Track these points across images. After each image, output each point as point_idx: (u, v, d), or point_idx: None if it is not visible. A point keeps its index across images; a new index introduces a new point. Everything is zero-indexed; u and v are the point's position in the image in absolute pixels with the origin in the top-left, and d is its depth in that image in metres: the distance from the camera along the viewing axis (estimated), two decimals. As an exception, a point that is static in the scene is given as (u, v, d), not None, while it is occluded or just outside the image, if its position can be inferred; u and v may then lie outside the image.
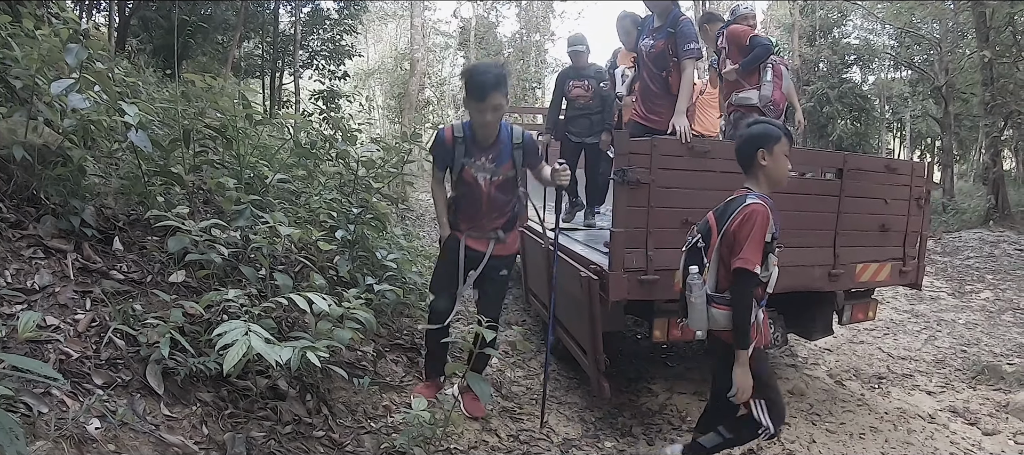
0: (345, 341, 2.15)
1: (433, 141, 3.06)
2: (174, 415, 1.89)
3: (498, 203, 3.08)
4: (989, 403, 4.25)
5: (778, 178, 2.43)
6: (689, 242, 2.48)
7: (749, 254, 2.24)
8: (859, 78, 19.92)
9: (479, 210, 3.05)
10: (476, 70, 2.82)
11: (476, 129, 2.94)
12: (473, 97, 2.79)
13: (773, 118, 4.49)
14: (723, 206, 2.42)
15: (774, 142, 2.37)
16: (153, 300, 2.34)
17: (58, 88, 2.27)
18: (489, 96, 2.76)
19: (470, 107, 2.85)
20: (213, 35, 10.60)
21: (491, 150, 2.97)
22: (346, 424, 2.43)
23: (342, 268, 3.12)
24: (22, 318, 1.40)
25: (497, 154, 2.98)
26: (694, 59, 3.79)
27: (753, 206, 2.27)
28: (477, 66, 2.88)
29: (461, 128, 2.99)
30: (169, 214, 2.35)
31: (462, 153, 2.96)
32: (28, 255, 2.30)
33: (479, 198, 3.02)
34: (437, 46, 28.32)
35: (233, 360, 1.53)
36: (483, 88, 2.74)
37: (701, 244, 2.41)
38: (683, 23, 3.77)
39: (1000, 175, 10.78)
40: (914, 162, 4.19)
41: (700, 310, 2.35)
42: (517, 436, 3.04)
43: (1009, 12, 9.23)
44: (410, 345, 3.59)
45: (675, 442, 3.19)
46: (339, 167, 4.04)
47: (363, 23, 18.56)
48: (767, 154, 2.37)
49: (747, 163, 2.44)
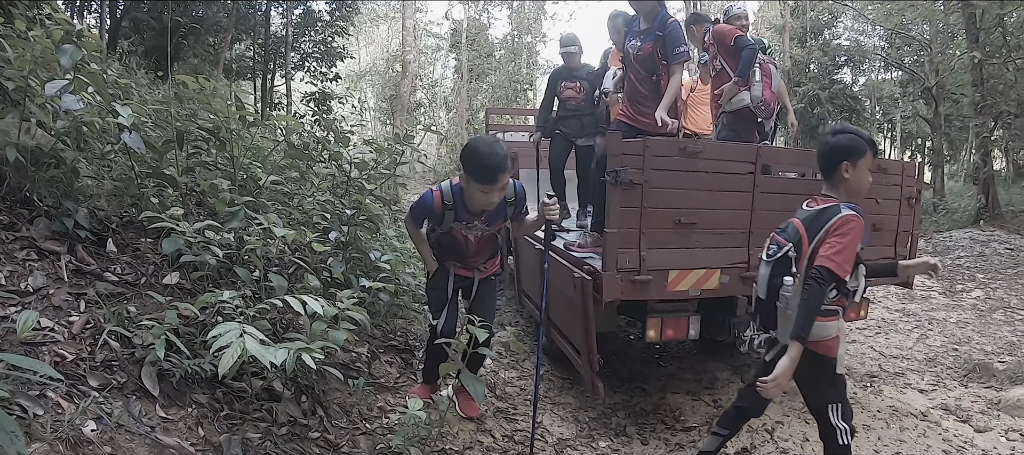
0: (340, 342, 2.15)
1: (418, 205, 2.86)
2: (170, 417, 1.89)
3: (485, 248, 3.01)
4: (981, 400, 4.29)
5: (859, 190, 2.42)
6: (776, 251, 2.43)
7: (841, 259, 2.21)
8: (850, 79, 20.08)
9: (465, 255, 2.98)
10: (481, 152, 2.58)
11: (471, 200, 2.74)
12: (481, 180, 2.57)
13: (765, 118, 4.54)
14: (813, 214, 2.38)
15: (859, 156, 2.36)
16: (147, 302, 2.33)
17: (53, 89, 2.26)
18: (499, 179, 2.58)
19: (472, 188, 2.62)
20: (204, 37, 10.55)
21: (484, 214, 2.83)
22: (341, 425, 2.43)
23: (336, 269, 3.12)
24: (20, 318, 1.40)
25: (490, 216, 2.85)
26: (683, 63, 3.77)
27: (850, 216, 2.26)
28: (480, 147, 2.62)
29: (450, 194, 2.79)
30: (164, 216, 2.34)
31: (452, 218, 2.82)
32: (21, 257, 2.29)
33: (464, 249, 2.95)
34: (428, 48, 28.31)
35: (228, 363, 1.53)
36: (494, 172, 2.55)
37: (792, 253, 2.36)
38: (671, 26, 3.74)
39: (990, 175, 10.90)
40: (905, 162, 4.23)
41: (792, 320, 2.28)
42: (512, 436, 3.05)
43: (999, 13, 9.33)
44: (404, 346, 3.60)
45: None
46: (332, 169, 4.04)
47: (355, 25, 18.52)
48: (851, 167, 2.35)
49: (829, 172, 2.42)
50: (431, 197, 2.82)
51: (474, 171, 2.57)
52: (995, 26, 9.89)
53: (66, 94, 2.30)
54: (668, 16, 3.83)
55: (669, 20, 3.78)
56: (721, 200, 3.37)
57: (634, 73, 3.94)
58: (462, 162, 2.62)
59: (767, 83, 4.41)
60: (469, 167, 2.59)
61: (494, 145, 2.65)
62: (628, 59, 3.99)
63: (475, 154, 2.58)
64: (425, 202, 2.83)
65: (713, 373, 4.55)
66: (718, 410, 3.96)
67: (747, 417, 2.89)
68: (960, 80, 12.36)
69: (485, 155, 2.57)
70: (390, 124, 23.16)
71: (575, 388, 4.07)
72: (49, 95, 2.28)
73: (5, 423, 1.14)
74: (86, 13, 9.13)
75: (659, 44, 3.75)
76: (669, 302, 3.43)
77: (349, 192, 3.80)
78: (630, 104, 3.99)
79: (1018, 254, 8.91)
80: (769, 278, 2.44)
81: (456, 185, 2.80)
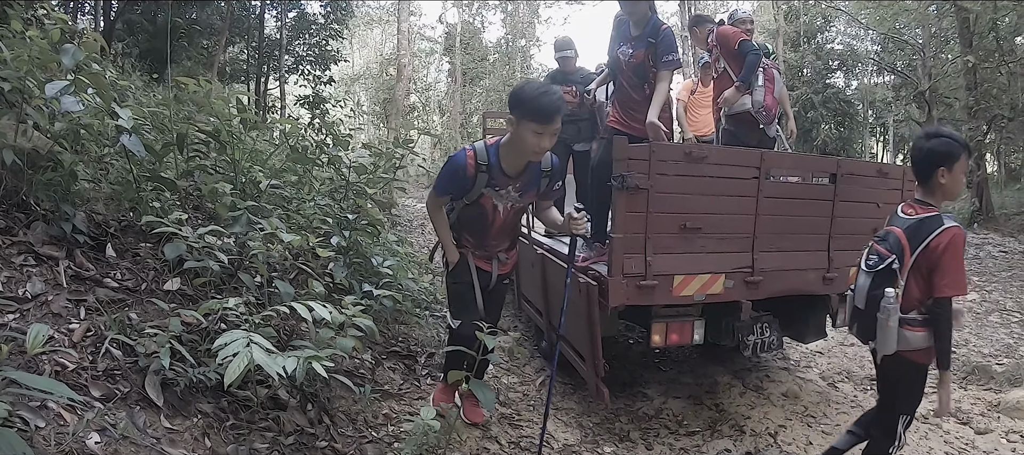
0: (348, 350, 2.11)
1: (448, 168, 2.64)
2: (175, 427, 1.84)
3: (508, 227, 2.87)
4: (980, 402, 4.30)
5: (955, 193, 2.44)
6: (877, 262, 2.41)
7: (960, 280, 2.24)
8: (843, 83, 20.22)
9: (487, 233, 2.81)
10: (536, 90, 2.49)
11: (511, 155, 2.59)
12: (538, 118, 2.42)
13: (766, 123, 4.54)
14: (915, 224, 2.35)
15: (955, 160, 2.34)
16: (148, 308, 2.29)
17: (53, 90, 2.21)
18: (555, 119, 2.45)
19: (525, 130, 2.45)
20: (198, 39, 10.49)
21: (520, 178, 2.68)
22: (347, 434, 2.39)
23: (338, 275, 3.08)
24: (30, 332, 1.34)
25: (525, 182, 2.70)
26: (672, 70, 3.72)
27: (955, 231, 2.26)
28: (534, 86, 2.54)
29: (485, 154, 2.60)
30: (166, 220, 2.30)
31: (484, 182, 2.62)
32: (19, 262, 2.24)
33: (490, 223, 2.77)
34: (422, 52, 28.29)
35: (235, 373, 1.49)
36: (551, 109, 2.41)
37: (895, 265, 2.34)
38: (664, 33, 3.68)
39: (984, 178, 10.98)
40: (905, 167, 4.25)
41: (893, 331, 2.29)
42: (518, 443, 3.02)
43: (992, 17, 9.42)
44: (406, 352, 3.56)
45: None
46: (331, 172, 4.00)
47: (349, 28, 18.49)
48: (947, 172, 2.34)
49: (924, 177, 2.41)
50: (463, 157, 2.61)
51: (529, 109, 2.42)
52: (988, 30, 9.98)
53: (66, 95, 2.25)
54: (660, 22, 3.78)
55: (662, 26, 3.72)
56: (725, 205, 3.36)
57: (626, 80, 3.88)
58: (514, 104, 2.48)
59: (769, 88, 4.40)
60: (524, 105, 2.44)
61: (546, 85, 2.59)
62: (619, 66, 3.92)
63: (529, 92, 2.47)
64: (456, 164, 2.61)
65: (714, 377, 4.53)
66: (721, 414, 3.95)
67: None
68: (953, 84, 12.47)
69: (541, 92, 2.46)
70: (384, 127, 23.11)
71: (578, 393, 4.04)
72: (50, 96, 2.23)
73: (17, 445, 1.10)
74: (79, 15, 9.04)
75: (650, 51, 3.69)
76: (674, 307, 3.42)
77: (347, 196, 3.76)
78: (622, 111, 3.92)
79: (1012, 257, 8.98)
80: (870, 289, 2.41)
81: (491, 144, 2.64)
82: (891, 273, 2.34)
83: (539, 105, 2.42)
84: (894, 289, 2.29)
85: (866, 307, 2.43)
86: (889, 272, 2.34)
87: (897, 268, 2.33)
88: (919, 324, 2.31)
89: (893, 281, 2.32)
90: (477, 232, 2.82)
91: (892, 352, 2.34)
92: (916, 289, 2.33)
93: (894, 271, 2.33)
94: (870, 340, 2.43)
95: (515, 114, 2.48)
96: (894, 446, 2.51)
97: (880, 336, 2.33)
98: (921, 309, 2.33)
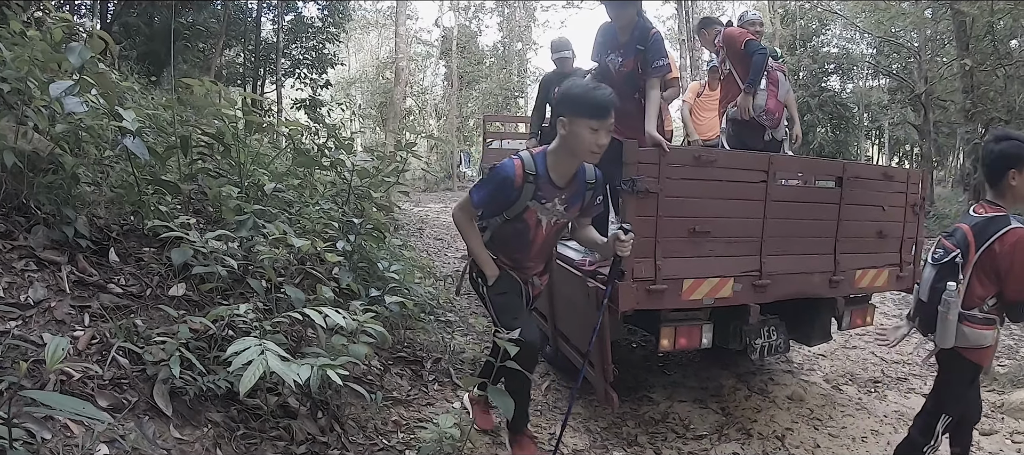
0: (362, 357, 2.07)
1: (494, 180, 2.42)
2: (185, 438, 1.79)
3: (548, 246, 2.69)
4: (984, 404, 4.29)
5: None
6: (942, 255, 2.46)
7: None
8: (838, 86, 20.31)
9: (526, 252, 2.61)
10: (587, 86, 2.37)
11: (561, 163, 2.40)
12: (594, 114, 2.26)
13: (770, 127, 4.52)
14: (982, 223, 2.39)
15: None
16: (154, 315, 2.24)
17: (57, 90, 2.16)
18: (611, 113, 2.30)
19: (581, 128, 2.28)
20: (194, 43, 10.44)
21: (567, 190, 2.48)
22: (359, 442, 2.34)
23: (343, 280, 3.04)
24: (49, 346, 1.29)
25: (571, 194, 2.52)
26: (661, 75, 3.64)
27: (1022, 232, 2.29)
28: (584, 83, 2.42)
29: (532, 163, 2.40)
30: (172, 224, 2.25)
31: (530, 194, 2.41)
32: (20, 267, 2.19)
33: (530, 240, 2.57)
34: (418, 55, 28.30)
35: (251, 381, 1.45)
36: (607, 103, 2.28)
37: (959, 259, 2.38)
38: (653, 38, 3.59)
39: (981, 181, 10.98)
40: (910, 170, 4.27)
41: (952, 326, 2.33)
42: (527, 449, 2.98)
43: (989, 20, 9.48)
44: (413, 358, 3.51)
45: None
46: (333, 176, 3.96)
47: (346, 31, 18.46)
48: (1017, 174, 2.36)
49: (995, 180, 2.44)
50: (512, 168, 2.38)
51: (585, 106, 2.27)
52: (985, 33, 10.04)
53: (69, 96, 2.20)
54: (649, 26, 3.68)
55: (651, 31, 3.63)
56: (734, 208, 3.34)
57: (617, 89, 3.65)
58: (566, 103, 2.32)
59: (772, 92, 4.38)
60: (579, 102, 2.29)
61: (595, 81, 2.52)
62: (607, 74, 3.80)
63: (582, 89, 2.33)
64: (505, 175, 2.39)
65: (718, 381, 4.51)
66: (727, 417, 3.93)
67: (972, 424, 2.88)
68: (949, 87, 12.54)
69: (593, 87, 2.35)
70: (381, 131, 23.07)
71: (584, 398, 4.00)
72: (54, 96, 2.19)
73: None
74: (75, 18, 8.96)
75: (640, 58, 3.61)
76: (682, 311, 3.39)
77: (349, 200, 3.72)
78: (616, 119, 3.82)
79: (1009, 259, 9.00)
80: (933, 281, 2.47)
81: (537, 153, 2.45)
82: (954, 267, 2.38)
83: (595, 100, 2.28)
84: (955, 283, 2.34)
85: (929, 300, 2.49)
86: (952, 266, 2.39)
87: (961, 263, 2.37)
88: (979, 322, 2.35)
89: (955, 275, 2.36)
90: (515, 251, 2.61)
91: (949, 346, 2.39)
92: (978, 287, 2.37)
93: (957, 265, 2.37)
94: (930, 332, 2.48)
95: (567, 114, 2.32)
96: (929, 446, 2.52)
97: (939, 329, 2.37)
98: (982, 307, 2.37)
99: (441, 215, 14.33)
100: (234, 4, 11.85)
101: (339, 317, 1.86)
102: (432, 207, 14.75)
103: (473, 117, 26.42)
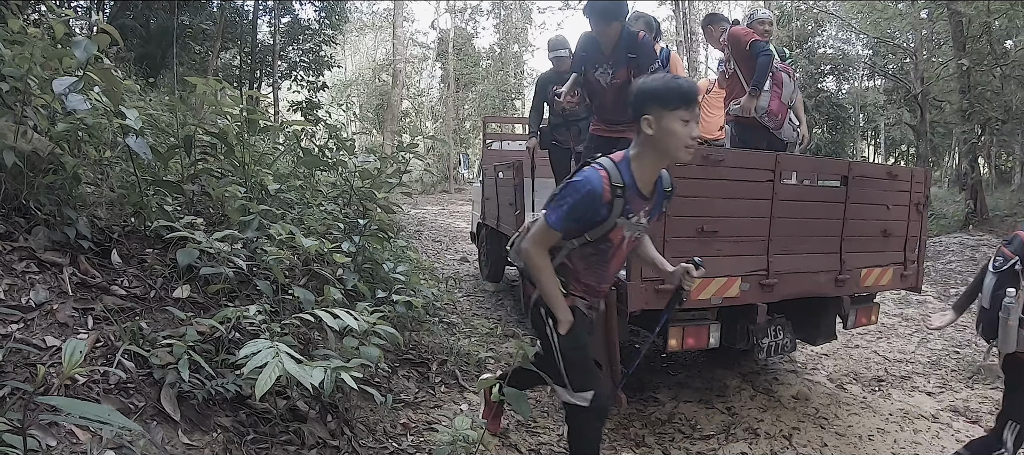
0: (374, 359, 2.04)
1: (578, 196, 2.03)
2: (194, 443, 1.75)
3: (621, 266, 2.39)
4: (988, 402, 4.32)
5: None
6: (1002, 263, 2.52)
7: None
8: (835, 87, 20.38)
9: (603, 276, 2.27)
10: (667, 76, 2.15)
11: (646, 168, 2.09)
12: (685, 103, 1.98)
13: (773, 129, 4.48)
14: None
15: None
16: (158, 317, 2.20)
17: (61, 86, 2.12)
18: (697, 100, 2.05)
19: (673, 122, 1.98)
20: (191, 45, 10.37)
21: (651, 200, 2.19)
22: (369, 445, 2.30)
23: (349, 281, 3.00)
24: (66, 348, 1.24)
25: (653, 205, 2.23)
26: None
27: None
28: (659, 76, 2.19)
29: (618, 174, 2.05)
30: (178, 225, 2.21)
31: (619, 209, 2.06)
32: (20, 269, 2.15)
33: (608, 262, 2.22)
34: (415, 57, 28.29)
35: (267, 384, 1.41)
36: (694, 90, 2.04)
37: (1018, 266, 2.45)
38: (644, 44, 3.51)
39: (978, 180, 11.07)
40: (914, 169, 4.25)
41: (1014, 332, 2.38)
42: (537, 450, 2.95)
43: (985, 21, 9.52)
44: (419, 360, 3.48)
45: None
46: (334, 177, 3.92)
47: (342, 34, 18.42)
48: None
49: None
50: (598, 180, 2.01)
51: (674, 96, 1.98)
52: (981, 33, 10.08)
53: (73, 93, 2.16)
54: (634, 32, 3.60)
55: (639, 36, 3.55)
56: (741, 208, 3.33)
57: (609, 103, 3.65)
58: (651, 98, 2.01)
59: (776, 93, 4.30)
60: (667, 95, 1.99)
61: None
62: (595, 88, 3.67)
63: (664, 81, 2.05)
64: (591, 190, 2.01)
65: (723, 381, 4.49)
66: (733, 418, 3.91)
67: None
68: (945, 87, 12.59)
69: (673, 77, 2.11)
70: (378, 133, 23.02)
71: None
72: (58, 93, 2.14)
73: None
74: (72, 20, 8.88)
75: (633, 66, 3.50)
76: (690, 311, 3.37)
77: (352, 201, 3.68)
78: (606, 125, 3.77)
79: (1008, 258, 9.03)
80: (994, 288, 2.53)
81: (619, 161, 2.09)
82: (1013, 274, 2.45)
83: (683, 88, 2.02)
84: (1016, 289, 2.39)
85: (990, 306, 2.54)
86: (1012, 273, 2.46)
87: (1020, 270, 2.43)
88: None
89: (1015, 282, 2.42)
90: (591, 277, 2.24)
91: (1012, 350, 2.43)
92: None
93: (1016, 272, 2.44)
94: (992, 338, 2.53)
95: (654, 111, 2.00)
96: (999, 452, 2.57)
97: (1001, 335, 2.42)
98: None
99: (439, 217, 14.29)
100: (230, 6, 11.79)
101: (351, 319, 1.82)
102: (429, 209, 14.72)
103: (469, 119, 26.42)
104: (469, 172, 20.85)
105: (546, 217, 2.09)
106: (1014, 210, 11.64)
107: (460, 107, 26.47)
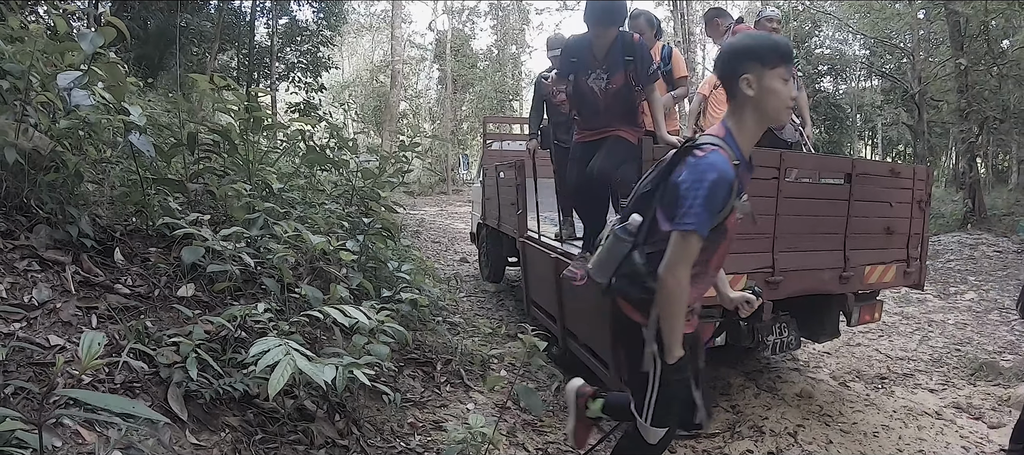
0: (384, 357, 2.01)
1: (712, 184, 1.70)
2: (202, 443, 1.72)
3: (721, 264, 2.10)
4: (991, 398, 4.32)
5: None
6: None
7: None
8: (832, 87, 20.44)
9: (706, 282, 2.01)
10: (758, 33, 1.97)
11: (749, 135, 1.85)
12: (784, 59, 1.77)
13: (775, 129, 4.47)
14: None
15: None
16: (163, 316, 2.17)
17: (65, 80, 2.09)
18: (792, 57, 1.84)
19: (773, 81, 1.76)
20: (189, 46, 10.34)
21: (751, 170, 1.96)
22: (377, 444, 2.27)
23: (354, 280, 2.98)
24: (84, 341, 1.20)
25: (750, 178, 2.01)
26: (657, 79, 3.50)
27: None
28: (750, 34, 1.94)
29: (729, 147, 1.80)
30: (183, 223, 2.19)
31: (738, 189, 1.81)
32: (23, 267, 2.12)
33: (712, 261, 1.95)
34: (412, 59, 28.29)
35: (280, 383, 1.38)
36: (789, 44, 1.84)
37: None
38: (639, 45, 3.42)
39: (976, 179, 11.11)
40: (916, 167, 4.25)
41: None
42: (545, 449, 2.93)
43: (983, 21, 9.56)
44: (424, 359, 3.45)
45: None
46: (336, 177, 3.90)
47: (340, 35, 18.39)
48: None
49: None
50: (724, 161, 1.74)
51: (774, 53, 1.77)
52: (979, 33, 10.12)
53: (76, 88, 2.13)
54: (628, 33, 3.51)
55: (634, 38, 3.46)
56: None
57: (601, 109, 3.54)
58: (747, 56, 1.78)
59: None
60: (765, 52, 1.77)
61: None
62: (588, 95, 3.54)
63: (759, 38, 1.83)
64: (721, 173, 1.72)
65: (726, 379, 4.49)
66: (738, 416, 3.90)
67: None
68: (943, 87, 12.63)
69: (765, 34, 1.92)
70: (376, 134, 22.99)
71: (593, 398, 3.96)
72: (61, 86, 2.11)
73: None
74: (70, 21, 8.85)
75: (631, 70, 3.41)
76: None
77: (352, 200, 3.65)
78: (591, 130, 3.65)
79: (1006, 256, 9.08)
80: None
81: (722, 136, 1.83)
82: None
83: (778, 45, 1.80)
84: None
85: None
86: None
87: None
88: None
89: None
90: (700, 282, 1.94)
91: None
92: None
93: None
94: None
95: (753, 71, 1.76)
96: None
97: None
98: None
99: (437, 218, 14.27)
100: (228, 7, 11.76)
101: (362, 315, 1.79)
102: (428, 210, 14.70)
103: (467, 120, 26.41)
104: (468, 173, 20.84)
105: (681, 226, 1.73)
106: (1012, 209, 11.69)
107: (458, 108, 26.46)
